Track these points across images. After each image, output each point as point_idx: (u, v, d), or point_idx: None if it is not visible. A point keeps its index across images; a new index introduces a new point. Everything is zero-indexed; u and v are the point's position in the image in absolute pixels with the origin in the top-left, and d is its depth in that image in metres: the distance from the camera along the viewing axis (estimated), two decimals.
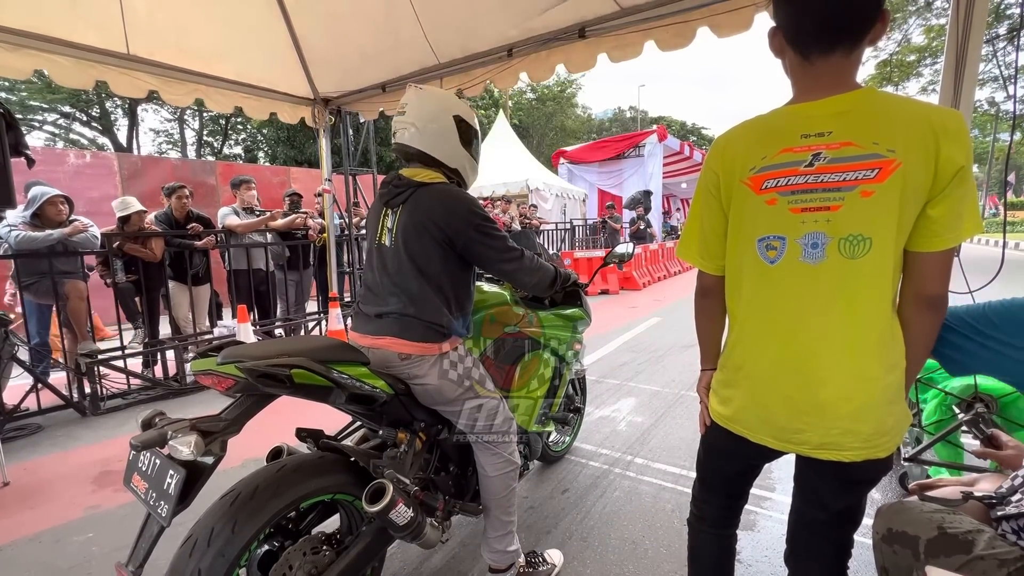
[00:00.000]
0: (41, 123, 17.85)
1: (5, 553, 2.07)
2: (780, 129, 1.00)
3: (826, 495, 1.12)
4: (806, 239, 0.97)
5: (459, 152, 1.60)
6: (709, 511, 1.32)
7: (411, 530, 1.40)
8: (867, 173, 0.90)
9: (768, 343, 1.06)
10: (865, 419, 0.98)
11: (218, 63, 4.21)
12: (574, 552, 1.95)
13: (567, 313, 2.17)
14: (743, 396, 1.12)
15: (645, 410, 3.46)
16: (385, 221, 1.57)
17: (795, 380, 1.02)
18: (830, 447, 1.01)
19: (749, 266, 1.06)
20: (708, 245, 1.15)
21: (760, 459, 1.22)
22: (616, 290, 9.52)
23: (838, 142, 0.92)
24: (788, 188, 0.97)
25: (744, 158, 1.03)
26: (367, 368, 1.43)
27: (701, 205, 1.15)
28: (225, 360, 1.21)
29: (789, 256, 0.99)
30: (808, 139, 0.95)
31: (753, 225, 1.03)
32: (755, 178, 1.00)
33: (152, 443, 1.07)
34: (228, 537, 1.16)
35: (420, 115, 1.54)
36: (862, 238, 0.92)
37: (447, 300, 1.53)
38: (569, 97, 30.99)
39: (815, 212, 0.95)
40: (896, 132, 0.90)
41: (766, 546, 1.96)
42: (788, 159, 0.97)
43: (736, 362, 1.13)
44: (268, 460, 1.53)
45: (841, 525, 1.15)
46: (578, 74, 28.83)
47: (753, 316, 1.08)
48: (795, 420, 1.03)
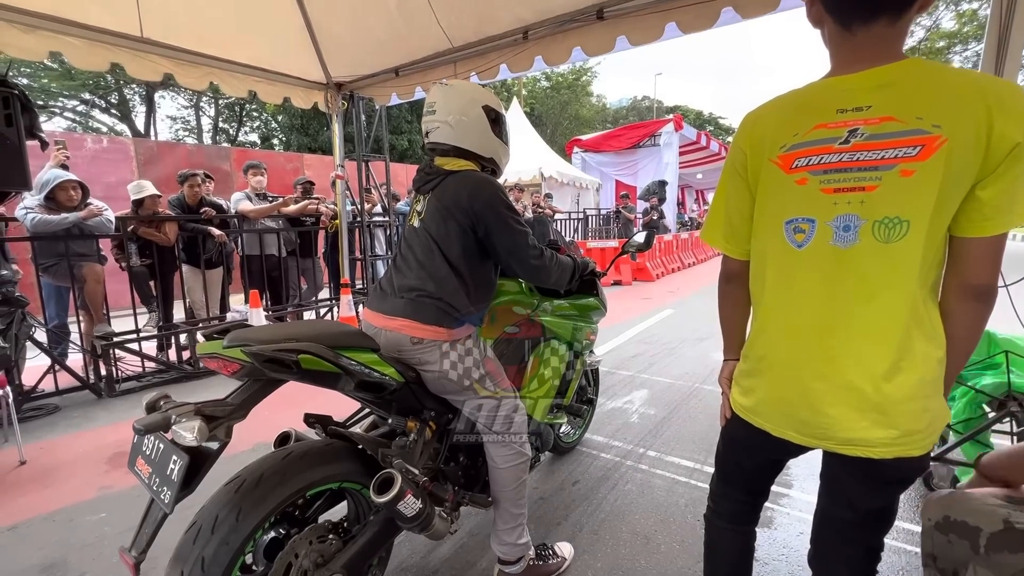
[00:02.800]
0: (62, 109, 18.08)
1: (20, 531, 2.09)
2: (815, 104, 0.93)
3: (855, 494, 1.05)
4: (837, 221, 0.90)
5: (492, 141, 1.62)
6: (727, 506, 1.27)
7: (419, 521, 1.37)
8: (908, 151, 0.83)
9: (793, 332, 1.00)
10: (896, 414, 0.91)
11: (232, 47, 4.19)
12: (585, 545, 1.91)
13: (582, 303, 2.11)
14: (765, 387, 1.06)
15: (658, 402, 3.40)
16: (416, 205, 1.61)
17: (820, 371, 0.96)
18: (857, 443, 0.94)
19: (775, 250, 1.00)
20: (733, 228, 1.10)
21: (782, 454, 1.16)
22: (629, 281, 9.41)
23: (877, 117, 0.86)
24: (820, 167, 0.91)
25: (775, 135, 0.97)
26: (377, 355, 1.40)
27: (727, 185, 1.09)
28: (231, 343, 1.18)
29: (818, 239, 0.93)
30: (845, 114, 0.89)
31: (781, 206, 0.97)
32: (785, 156, 0.94)
33: (156, 427, 1.05)
34: (232, 525, 1.14)
35: (450, 111, 1.55)
36: (899, 221, 0.86)
37: (467, 287, 1.52)
38: (584, 85, 30.57)
39: (848, 193, 0.89)
40: (943, 105, 0.82)
41: (783, 544, 1.90)
42: (822, 136, 0.90)
43: (759, 352, 1.07)
44: (276, 446, 1.51)
45: (871, 527, 1.08)
46: (594, 61, 28.44)
47: (777, 303, 1.02)
48: (819, 414, 0.97)
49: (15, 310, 3.17)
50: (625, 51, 3.46)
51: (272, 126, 21.63)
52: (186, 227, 4.37)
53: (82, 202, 3.84)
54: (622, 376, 3.99)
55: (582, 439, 2.78)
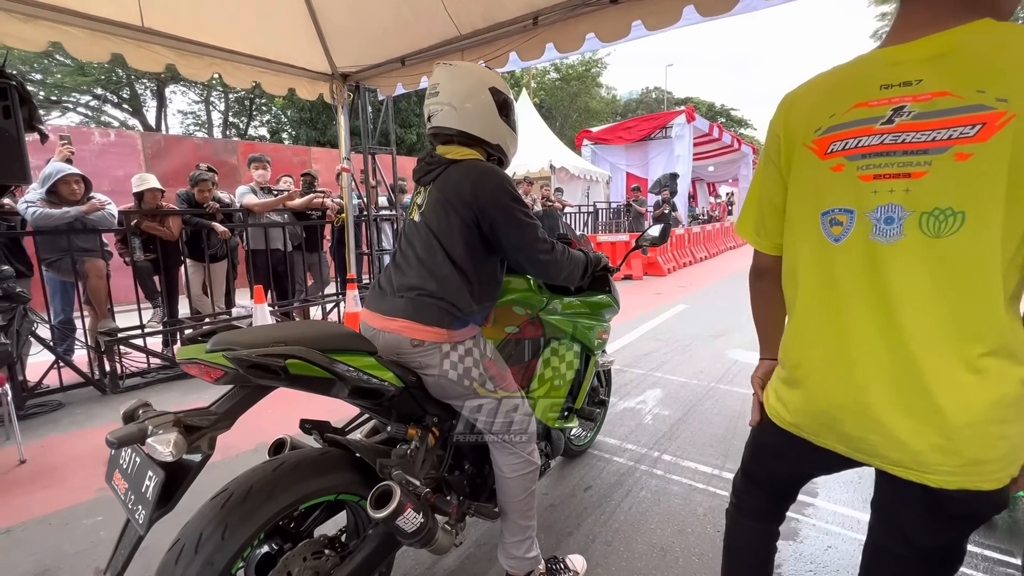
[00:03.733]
0: (75, 105, 18.20)
1: (14, 534, 2.03)
2: (856, 80, 0.83)
3: (911, 527, 0.89)
4: (878, 212, 0.79)
5: (499, 126, 1.50)
6: (750, 503, 1.18)
7: (421, 537, 1.27)
8: (965, 130, 0.71)
9: (828, 338, 0.88)
10: (960, 438, 0.77)
11: (235, 37, 4.09)
12: (598, 558, 1.81)
13: (594, 300, 1.99)
14: (801, 399, 0.95)
15: (673, 402, 3.28)
16: (416, 198, 1.50)
17: (863, 384, 0.83)
18: (911, 465, 0.81)
19: (810, 245, 0.90)
20: (765, 221, 1.01)
21: (823, 467, 1.04)
22: (640, 276, 9.25)
23: (929, 92, 0.74)
24: (858, 151, 0.80)
25: (809, 118, 0.87)
26: (374, 358, 1.30)
27: (762, 174, 1.00)
28: (214, 348, 1.08)
29: (857, 233, 0.82)
30: (889, 90, 0.78)
31: (816, 196, 0.87)
32: (820, 140, 0.84)
33: (130, 440, 0.96)
34: (218, 544, 1.05)
35: (454, 94, 1.44)
36: (952, 212, 0.74)
37: (471, 285, 1.41)
38: (594, 76, 30.15)
39: (890, 180, 0.78)
40: (1014, 74, 0.70)
41: (809, 559, 1.78)
42: (861, 116, 0.80)
43: (794, 359, 0.96)
44: (270, 454, 1.42)
45: (931, 569, 0.91)
46: (604, 52, 28.04)
47: (811, 305, 0.92)
48: (866, 430, 0.84)
49: (16, 306, 3.12)
50: (639, 39, 3.32)
51: (282, 120, 21.63)
52: (190, 222, 4.31)
53: (85, 196, 3.78)
54: (634, 374, 3.87)
55: (594, 442, 2.67)
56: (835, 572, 1.71)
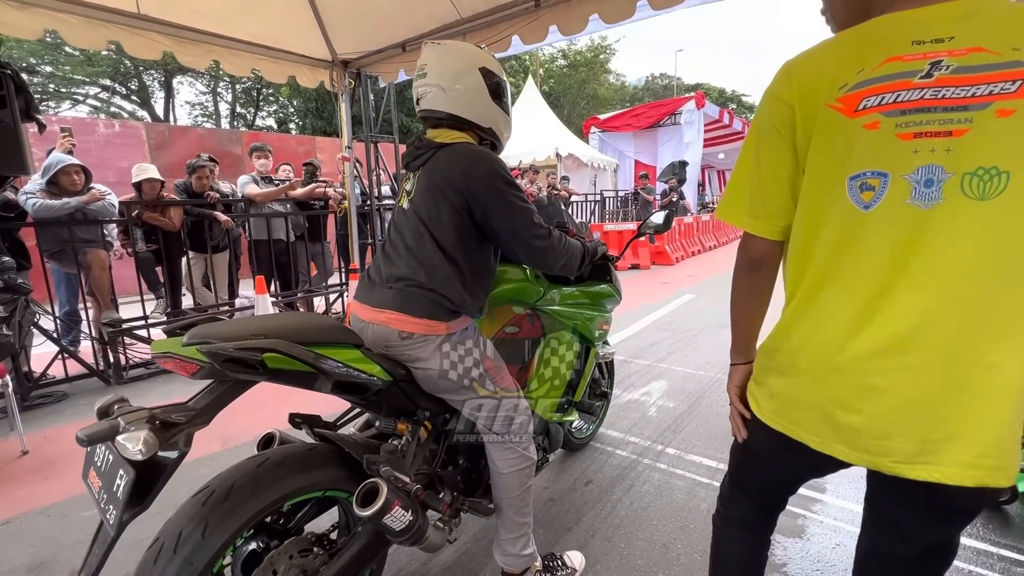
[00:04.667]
0: (85, 96, 18.29)
1: (13, 526, 2.04)
2: (882, 37, 0.76)
3: (911, 525, 0.87)
4: (918, 174, 0.73)
5: (491, 108, 1.42)
6: (738, 514, 1.12)
7: (410, 535, 1.24)
8: (1006, 86, 0.67)
9: (849, 315, 0.80)
10: (985, 424, 0.73)
11: (233, 24, 4.03)
12: (597, 554, 1.76)
13: (594, 290, 1.93)
14: (804, 387, 0.87)
15: (678, 394, 3.21)
16: (405, 184, 1.43)
17: (885, 364, 0.77)
18: (927, 459, 0.76)
19: (835, 214, 0.80)
20: (767, 199, 0.89)
21: (817, 471, 0.98)
22: (647, 265, 9.14)
23: (964, 48, 0.70)
24: (897, 106, 0.73)
25: (833, 75, 0.78)
26: (360, 351, 1.25)
27: (757, 149, 0.88)
28: (190, 341, 1.04)
29: (891, 198, 0.75)
30: (922, 46, 0.72)
31: (843, 159, 0.78)
32: (848, 98, 0.76)
33: (101, 437, 0.93)
34: (198, 543, 1.02)
35: (443, 74, 1.37)
36: (996, 172, 0.69)
37: (462, 275, 1.35)
38: (603, 63, 29.70)
39: (932, 139, 0.71)
40: None
41: (817, 557, 1.73)
42: (897, 69, 0.73)
43: (797, 342, 0.87)
44: (259, 448, 1.39)
45: (927, 566, 0.90)
46: (613, 37, 27.62)
47: (830, 278, 0.83)
48: (881, 420, 0.78)
49: (18, 297, 3.12)
50: (646, 20, 3.21)
51: (289, 110, 21.61)
52: (191, 212, 4.28)
53: (85, 187, 3.77)
54: (639, 365, 3.81)
55: (596, 434, 2.62)
56: (844, 571, 1.66)
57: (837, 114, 0.77)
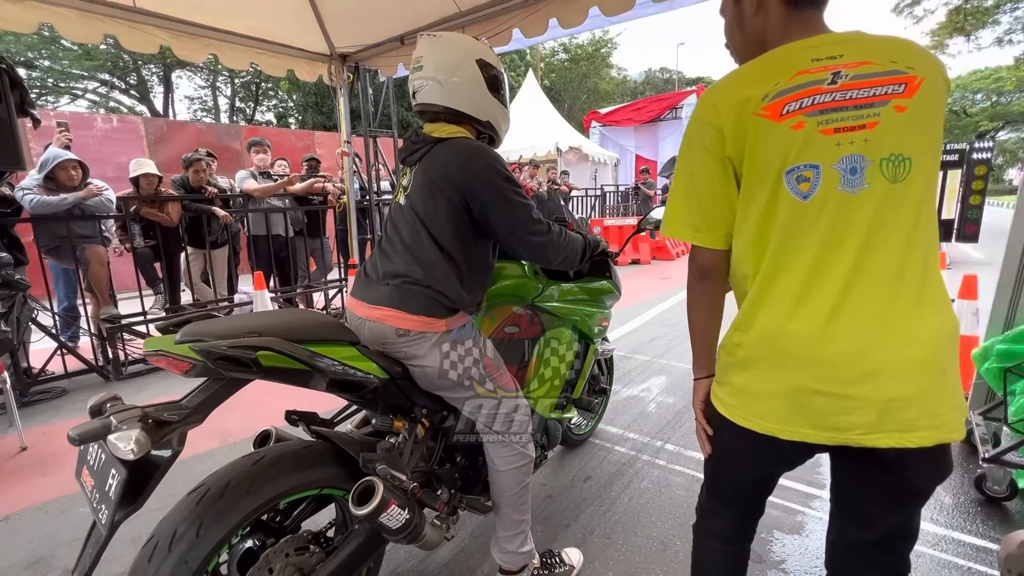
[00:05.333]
0: (83, 91, 18.22)
1: (11, 522, 2.04)
2: (786, 59, 0.88)
3: (872, 509, 0.93)
4: (843, 163, 0.82)
5: (488, 101, 1.41)
6: (718, 524, 1.13)
7: (407, 533, 1.23)
8: (895, 87, 0.80)
9: (803, 296, 0.86)
10: (929, 379, 0.81)
11: (231, 17, 3.99)
12: (595, 551, 1.76)
13: (593, 286, 1.91)
14: (767, 375, 0.89)
15: (677, 390, 3.21)
16: (402, 180, 1.42)
17: (843, 338, 0.82)
18: (891, 427, 0.81)
19: (778, 208, 0.88)
20: (706, 212, 0.96)
21: (786, 464, 1.00)
22: (648, 260, 9.13)
23: (855, 61, 0.82)
24: (815, 107, 0.83)
25: (752, 92, 0.87)
26: (356, 349, 1.24)
27: (691, 168, 0.96)
28: (183, 339, 1.03)
29: (825, 187, 0.83)
30: (821, 61, 0.84)
31: (779, 156, 0.86)
32: (771, 106, 0.85)
33: (93, 436, 0.91)
34: (192, 541, 1.01)
35: (439, 67, 1.35)
36: (902, 158, 0.81)
37: (459, 272, 1.34)
38: (604, 57, 29.53)
39: (850, 132, 0.82)
40: (907, 52, 0.82)
41: (816, 554, 1.72)
42: (806, 80, 0.84)
43: (757, 334, 0.90)
44: (255, 446, 1.39)
45: (893, 547, 0.95)
46: (614, 31, 27.44)
47: (781, 267, 0.88)
48: (842, 396, 0.82)
49: (16, 293, 3.11)
50: (648, 17, 3.18)
51: (289, 105, 21.51)
52: (190, 207, 4.27)
53: (82, 182, 3.75)
54: (639, 361, 3.80)
55: (595, 431, 2.61)
56: None
57: (765, 120, 0.85)
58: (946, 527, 1.85)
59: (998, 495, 1.96)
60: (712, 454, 1.07)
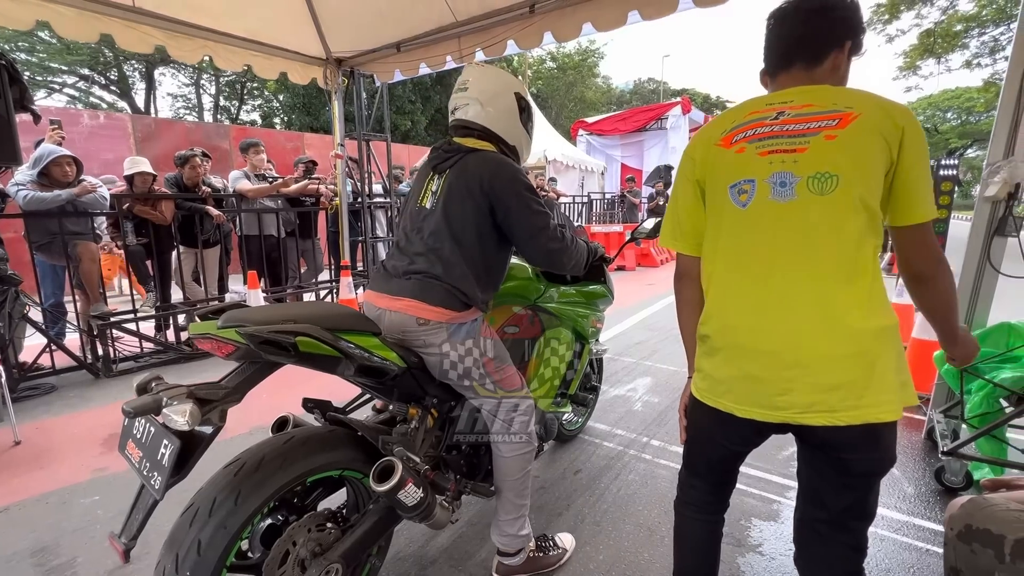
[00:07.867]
0: (62, 85, 17.79)
1: (12, 513, 2.06)
2: (747, 105, 1.09)
3: (824, 490, 1.06)
4: (774, 178, 0.99)
5: (519, 129, 1.60)
6: (695, 496, 1.28)
7: (420, 511, 1.32)
8: (829, 122, 0.96)
9: (746, 292, 1.03)
10: (855, 369, 0.93)
11: (227, 19, 4.05)
12: (586, 537, 1.88)
13: (589, 290, 2.04)
14: (726, 362, 1.06)
15: (662, 390, 3.35)
16: (430, 184, 1.53)
17: (776, 330, 0.98)
18: (820, 408, 0.95)
19: (725, 216, 1.07)
20: (682, 225, 1.18)
21: (744, 443, 1.15)
22: (633, 266, 9.34)
23: (800, 104, 1.00)
24: (755, 137, 1.02)
25: (716, 130, 1.10)
26: (378, 339, 1.34)
27: (677, 191, 1.19)
28: (226, 324, 1.12)
29: (759, 197, 1.01)
30: (772, 105, 1.04)
31: (726, 175, 1.06)
32: (726, 138, 1.07)
33: (146, 409, 1.00)
34: (231, 509, 1.10)
35: (483, 92, 1.52)
36: (829, 175, 0.95)
37: (477, 272, 1.46)
38: (591, 66, 30.00)
39: (782, 154, 0.99)
40: (852, 97, 0.97)
41: (789, 538, 1.85)
42: (754, 117, 1.05)
43: (714, 326, 1.08)
44: (273, 431, 1.46)
45: (846, 526, 1.05)
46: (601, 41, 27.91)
47: (730, 267, 1.07)
48: (779, 380, 0.97)
49: (8, 288, 3.10)
50: (634, 27, 3.34)
51: (274, 104, 21.30)
52: (183, 206, 4.28)
53: (76, 178, 3.75)
54: (625, 363, 3.94)
55: (585, 427, 2.73)
56: None
57: (720, 148, 1.07)
58: (908, 514, 2.01)
59: (955, 486, 2.14)
60: (689, 436, 1.24)
